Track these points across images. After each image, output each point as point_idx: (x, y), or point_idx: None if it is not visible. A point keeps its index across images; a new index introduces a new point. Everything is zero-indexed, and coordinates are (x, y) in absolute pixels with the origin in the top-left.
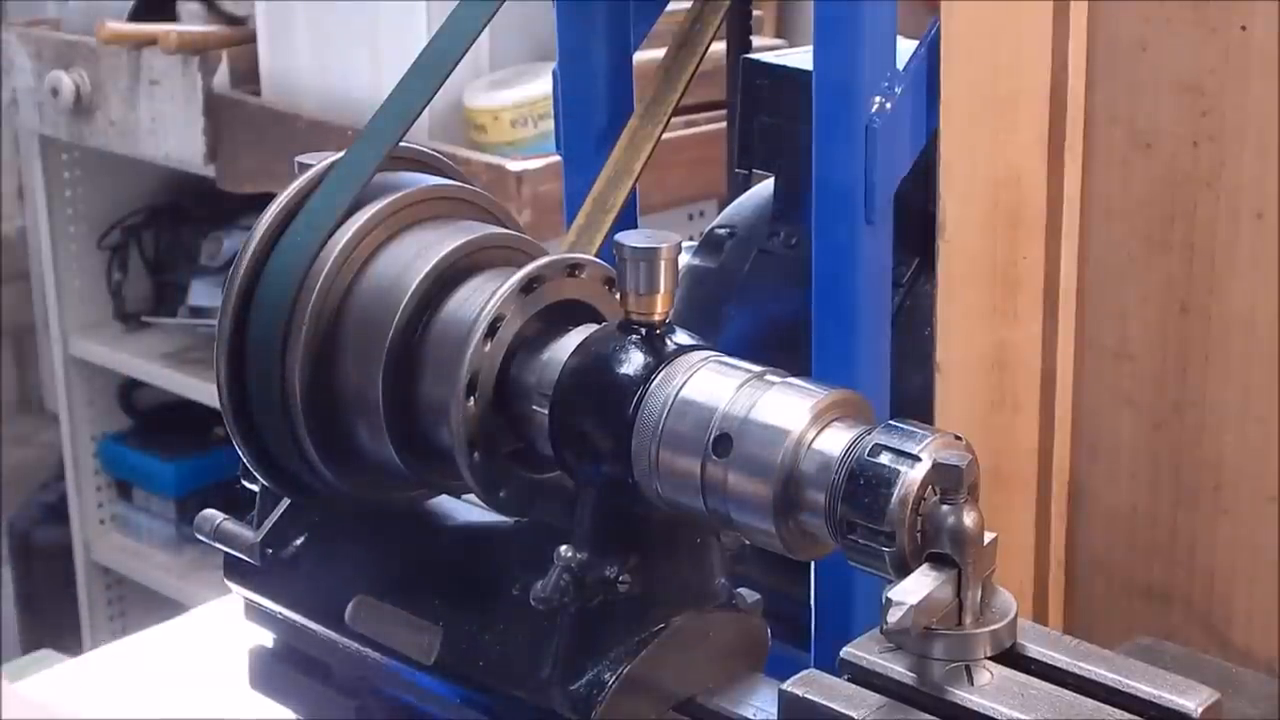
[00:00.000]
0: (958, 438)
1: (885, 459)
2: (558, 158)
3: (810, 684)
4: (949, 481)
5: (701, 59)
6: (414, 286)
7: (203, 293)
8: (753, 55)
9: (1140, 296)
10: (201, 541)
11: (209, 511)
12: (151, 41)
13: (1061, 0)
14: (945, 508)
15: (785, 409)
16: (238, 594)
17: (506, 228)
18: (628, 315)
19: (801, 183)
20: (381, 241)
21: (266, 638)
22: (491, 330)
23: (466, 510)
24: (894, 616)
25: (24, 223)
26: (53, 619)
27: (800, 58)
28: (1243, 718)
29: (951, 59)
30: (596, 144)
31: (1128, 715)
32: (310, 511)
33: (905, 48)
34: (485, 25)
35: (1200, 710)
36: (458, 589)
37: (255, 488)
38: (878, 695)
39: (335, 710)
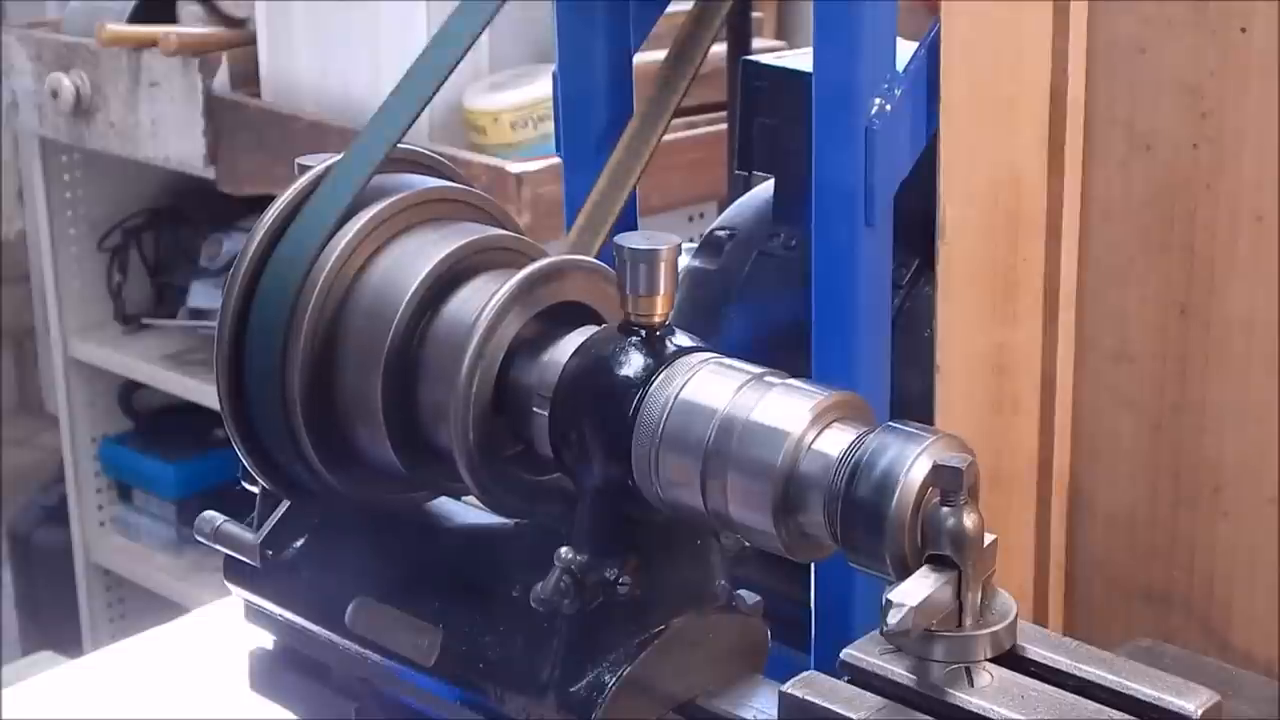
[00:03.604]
0: (958, 439)
1: (885, 460)
2: (558, 159)
3: (810, 685)
4: (949, 483)
5: (702, 61)
6: (414, 288)
7: (203, 294)
8: (752, 57)
9: (1140, 298)
10: (201, 543)
11: (209, 513)
12: (151, 43)
13: (1061, 1)
14: (945, 509)
15: (785, 410)
16: (238, 596)
17: (506, 230)
18: (628, 317)
19: (801, 184)
20: (381, 243)
21: (266, 639)
22: (491, 332)
23: (466, 512)
24: (894, 618)
25: (24, 225)
26: (53, 621)
27: (800, 59)
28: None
29: (951, 60)
30: (596, 146)
31: (1127, 717)
32: (310, 513)
33: (905, 49)
34: (485, 27)
35: (1200, 712)
36: (458, 591)
37: (255, 489)
38: (878, 697)
39: (335, 712)
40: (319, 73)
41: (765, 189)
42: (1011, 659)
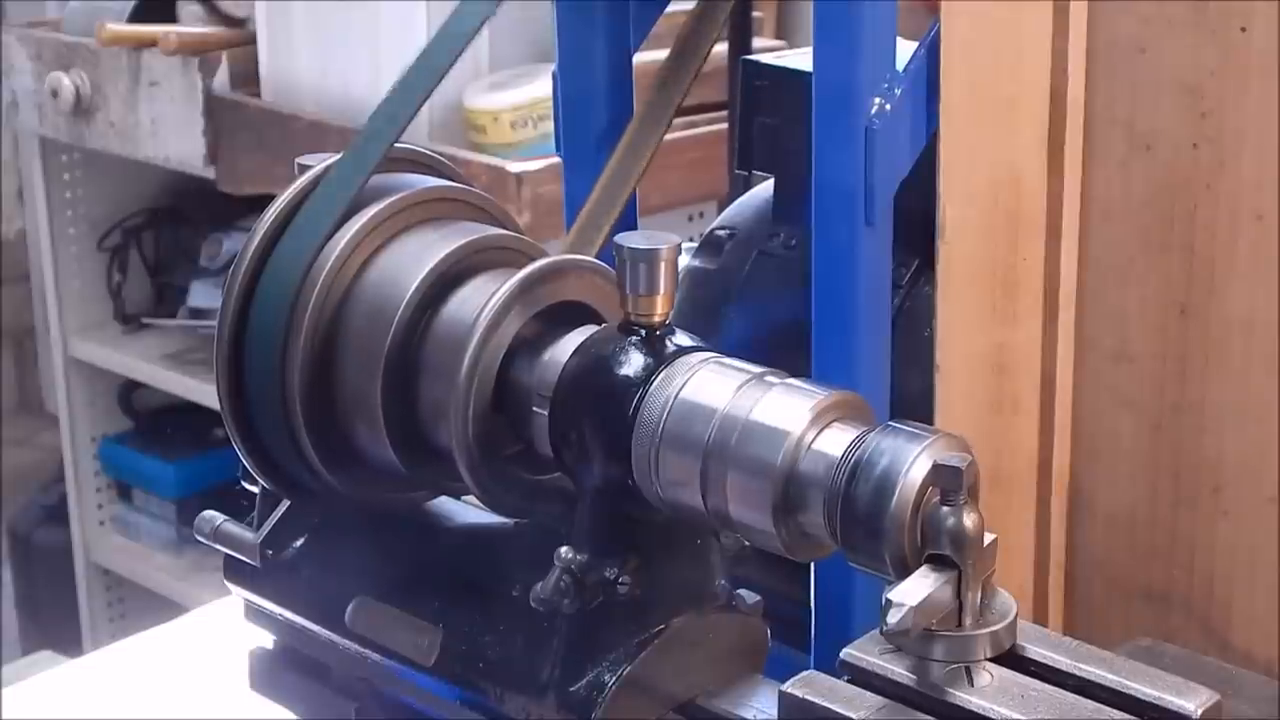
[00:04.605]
0: (958, 439)
1: (885, 460)
2: (558, 159)
3: (810, 685)
4: (949, 483)
5: (703, 60)
6: (414, 287)
7: (203, 294)
8: (753, 56)
9: (1140, 298)
10: (201, 543)
11: (209, 513)
12: (151, 43)
13: (1061, 1)
14: (945, 509)
15: (785, 410)
16: (237, 595)
17: (506, 229)
18: (628, 316)
19: (801, 184)
20: (381, 243)
21: (266, 639)
22: (491, 331)
23: (466, 511)
24: (894, 618)
25: (24, 225)
26: (53, 620)
27: (800, 59)
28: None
29: (951, 60)
30: (596, 146)
31: (1127, 716)
32: (310, 513)
33: (905, 48)
34: (483, 26)
35: (1200, 711)
36: (458, 590)
37: (255, 489)
38: (878, 696)
39: (335, 711)
40: (319, 73)
41: (765, 189)
42: (1011, 658)
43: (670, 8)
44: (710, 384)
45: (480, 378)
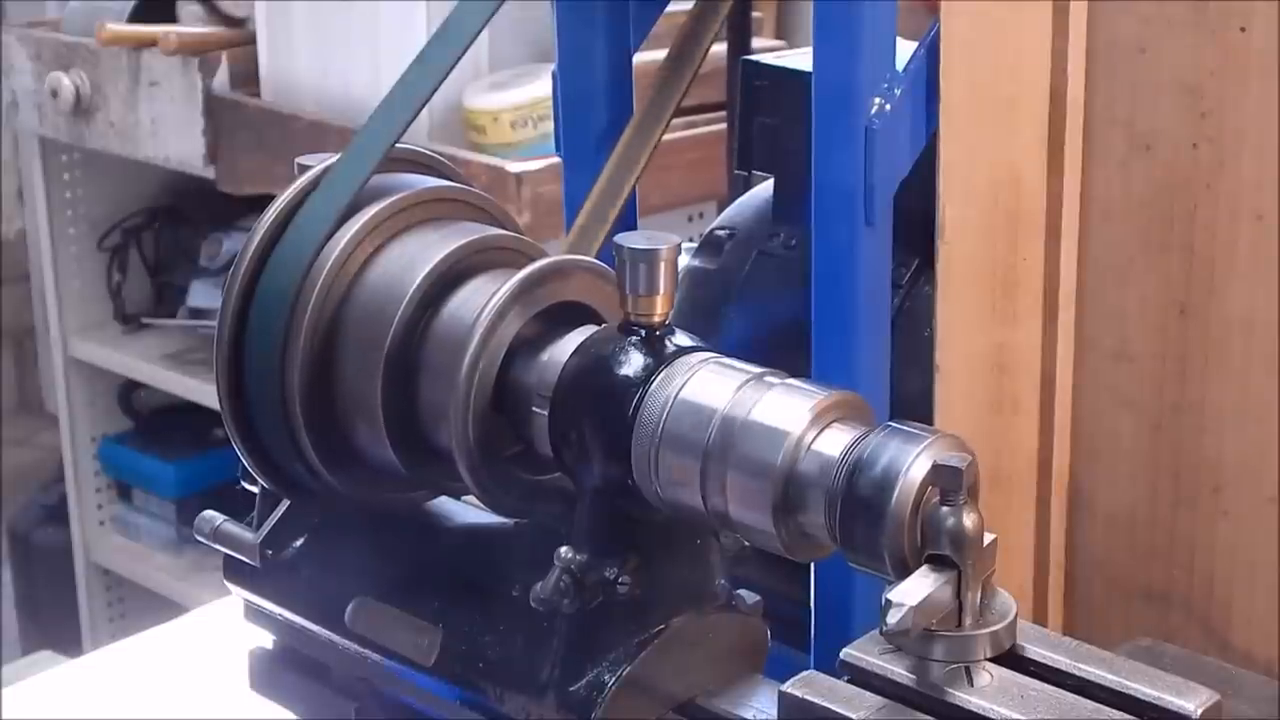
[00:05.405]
0: (957, 439)
1: (885, 460)
2: (558, 159)
3: (810, 685)
4: (949, 483)
5: (703, 60)
6: (414, 288)
7: (202, 294)
8: (752, 56)
9: (1139, 298)
10: (201, 543)
11: (208, 513)
12: (151, 43)
13: (1061, 1)
14: (945, 509)
15: (785, 410)
16: (237, 595)
17: (506, 229)
18: (627, 317)
19: (801, 184)
20: (381, 243)
21: (266, 639)
22: (491, 332)
23: (466, 511)
24: (893, 618)
25: (24, 225)
26: (53, 620)
27: (800, 59)
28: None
29: (951, 60)
30: (596, 145)
31: (1127, 716)
32: (310, 513)
33: (905, 49)
34: (484, 26)
35: (1200, 711)
36: (458, 590)
37: (255, 489)
38: (877, 696)
39: (335, 711)
40: (319, 73)
41: (765, 189)
42: (1011, 658)
43: (670, 8)
44: (710, 384)
45: (480, 378)
